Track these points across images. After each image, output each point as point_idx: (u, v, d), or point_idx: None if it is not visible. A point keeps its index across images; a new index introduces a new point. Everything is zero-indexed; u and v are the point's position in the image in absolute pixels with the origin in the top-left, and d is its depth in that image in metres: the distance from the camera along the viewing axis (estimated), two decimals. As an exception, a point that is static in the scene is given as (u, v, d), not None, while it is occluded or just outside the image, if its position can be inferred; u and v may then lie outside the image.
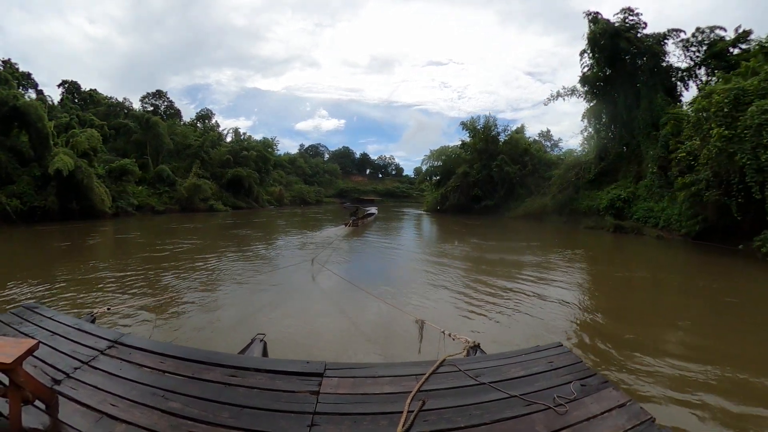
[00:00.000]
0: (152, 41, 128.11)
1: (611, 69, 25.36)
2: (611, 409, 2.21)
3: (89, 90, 43.51)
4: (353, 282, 8.29)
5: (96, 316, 4.12)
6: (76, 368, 2.47)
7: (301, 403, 2.22)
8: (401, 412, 2.12)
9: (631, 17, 24.61)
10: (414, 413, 2.11)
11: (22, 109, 22.07)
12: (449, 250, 15.39)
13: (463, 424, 2.08)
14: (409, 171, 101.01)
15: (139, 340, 3.00)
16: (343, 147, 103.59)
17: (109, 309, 4.78)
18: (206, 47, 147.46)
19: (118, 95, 56.14)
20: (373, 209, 34.49)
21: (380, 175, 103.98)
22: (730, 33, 21.60)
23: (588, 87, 27.18)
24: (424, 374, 2.54)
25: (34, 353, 1.99)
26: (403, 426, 2.02)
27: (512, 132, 39.63)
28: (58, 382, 2.30)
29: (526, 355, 2.93)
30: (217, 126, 55.46)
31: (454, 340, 3.69)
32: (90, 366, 2.51)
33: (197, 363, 2.61)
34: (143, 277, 9.06)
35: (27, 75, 38.44)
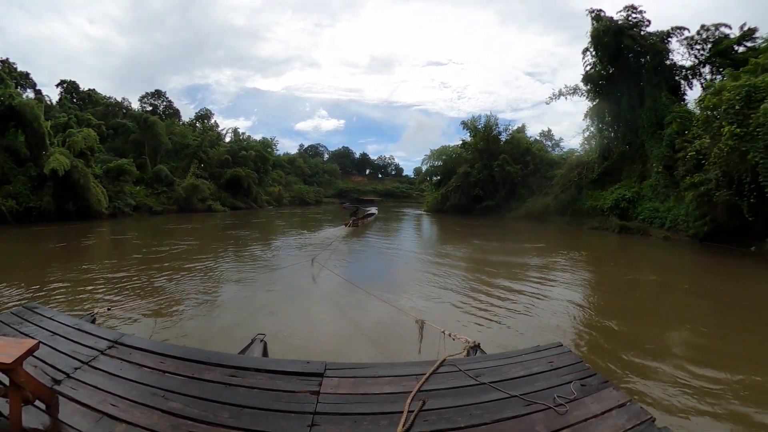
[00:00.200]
0: (152, 41, 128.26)
1: (614, 67, 25.03)
2: (611, 409, 2.20)
3: (88, 90, 43.30)
4: (354, 282, 8.26)
5: (96, 316, 4.12)
6: (77, 368, 2.46)
7: (301, 403, 2.22)
8: (401, 412, 2.11)
9: (634, 15, 24.30)
10: (414, 413, 2.11)
11: (18, 108, 21.85)
12: (451, 251, 15.05)
13: (463, 424, 2.08)
14: (408, 171, 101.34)
15: (139, 341, 2.99)
16: (343, 147, 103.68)
17: (109, 309, 4.78)
18: (206, 47, 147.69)
19: (118, 95, 55.78)
20: (373, 209, 34.26)
21: (380, 176, 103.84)
22: (735, 31, 21.36)
23: (591, 85, 26.87)
24: (424, 374, 2.53)
25: (35, 353, 1.99)
26: (403, 426, 2.02)
27: (513, 131, 38.89)
28: (58, 382, 2.30)
29: (527, 355, 2.92)
30: (216, 126, 55.13)
31: (454, 340, 3.68)
32: (90, 366, 2.51)
33: (197, 363, 2.61)
34: (141, 279, 8.96)
35: (25, 75, 38.28)
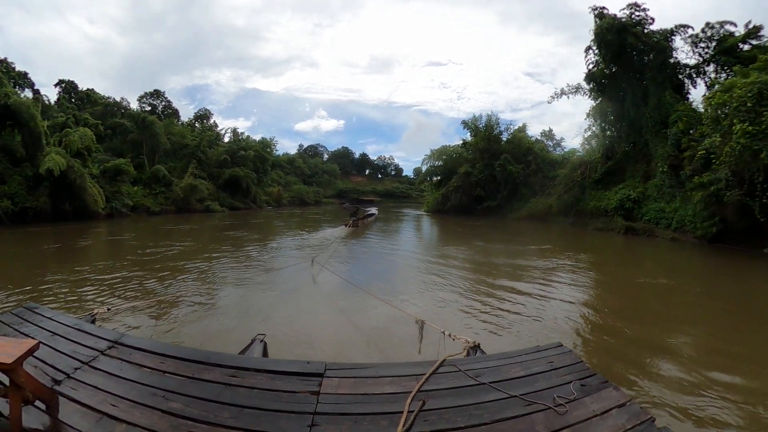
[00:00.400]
0: (152, 41, 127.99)
1: (617, 65, 24.76)
2: (611, 409, 2.19)
3: (86, 90, 43.11)
4: (354, 283, 8.24)
5: (96, 316, 4.11)
6: (77, 368, 2.46)
7: (301, 403, 2.22)
8: (401, 412, 2.11)
9: (637, 12, 24.06)
10: (414, 413, 2.11)
11: (14, 107, 21.65)
12: (453, 252, 14.71)
13: (463, 424, 2.07)
14: (408, 171, 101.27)
15: (139, 341, 2.98)
16: (343, 147, 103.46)
17: (109, 309, 4.80)
18: (206, 47, 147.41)
19: (118, 96, 55.51)
20: (373, 210, 34.09)
21: (379, 176, 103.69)
22: (740, 29, 21.15)
23: (593, 84, 26.61)
24: (424, 374, 2.53)
25: (35, 353, 1.98)
26: (403, 426, 2.01)
27: (515, 130, 38.49)
28: (58, 382, 2.29)
29: (527, 355, 2.92)
30: (216, 126, 54.98)
31: (454, 340, 3.67)
32: (90, 366, 2.50)
33: (197, 363, 2.60)
34: (140, 280, 8.91)
35: (23, 74, 38.14)
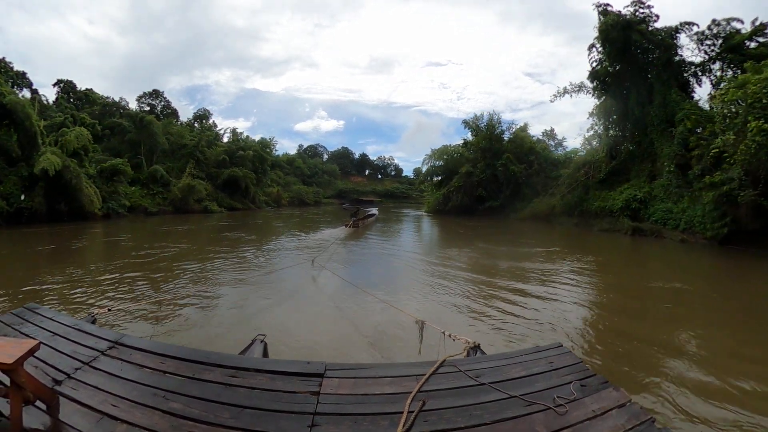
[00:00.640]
0: (152, 42, 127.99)
1: (621, 63, 24.46)
2: (611, 409, 2.19)
3: (85, 90, 42.87)
4: (354, 283, 8.25)
5: (96, 316, 4.10)
6: (77, 369, 2.45)
7: (301, 403, 2.21)
8: (401, 413, 2.11)
9: (642, 9, 23.85)
10: (414, 413, 2.11)
11: (9, 106, 21.43)
12: (455, 255, 14.14)
13: (463, 424, 2.07)
14: (408, 172, 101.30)
15: (139, 341, 2.98)
16: (342, 147, 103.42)
17: (109, 310, 4.79)
18: (205, 48, 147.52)
19: (117, 96, 55.26)
20: (374, 210, 33.84)
21: (379, 176, 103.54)
22: (747, 26, 20.85)
23: (597, 82, 26.32)
24: (424, 375, 2.52)
25: (35, 354, 1.98)
26: (403, 426, 2.01)
27: (517, 130, 38.19)
28: (58, 382, 2.29)
29: (527, 355, 2.91)
30: (215, 126, 54.63)
31: (454, 340, 3.67)
32: (91, 366, 2.50)
33: (198, 363, 2.59)
34: (138, 281, 8.88)
35: (22, 74, 37.93)
